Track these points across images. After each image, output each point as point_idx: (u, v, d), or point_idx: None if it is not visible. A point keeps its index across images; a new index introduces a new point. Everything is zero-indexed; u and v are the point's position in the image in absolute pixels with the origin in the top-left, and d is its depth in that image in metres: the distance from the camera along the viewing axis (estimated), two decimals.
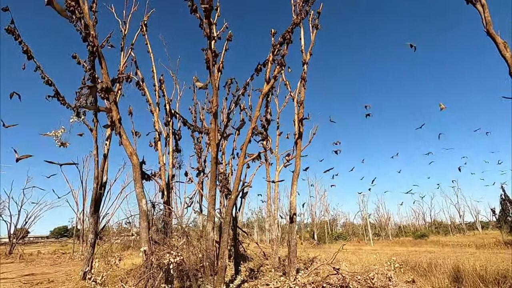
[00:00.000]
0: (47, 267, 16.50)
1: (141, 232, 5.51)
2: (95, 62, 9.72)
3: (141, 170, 5.91)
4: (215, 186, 6.26)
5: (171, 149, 8.13)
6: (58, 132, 6.90)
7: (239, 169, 6.52)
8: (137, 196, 5.63)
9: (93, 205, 9.91)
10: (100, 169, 10.25)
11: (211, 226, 6.08)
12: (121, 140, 5.89)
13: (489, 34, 6.16)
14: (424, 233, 46.57)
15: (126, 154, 6.04)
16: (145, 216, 5.56)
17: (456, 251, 21.30)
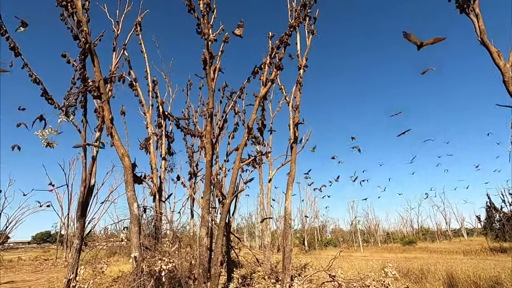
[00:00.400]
0: (28, 274, 15.76)
1: (132, 237, 5.26)
2: (86, 61, 9.48)
3: (133, 172, 5.68)
4: (209, 190, 6.07)
5: (163, 151, 7.90)
6: (45, 132, 6.60)
7: (234, 173, 6.36)
8: (128, 200, 5.38)
9: (79, 209, 9.49)
10: (88, 172, 9.86)
11: (205, 231, 5.87)
12: (112, 141, 5.65)
13: (483, 43, 6.24)
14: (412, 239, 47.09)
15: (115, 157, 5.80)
16: (136, 220, 5.32)
17: (445, 258, 21.55)
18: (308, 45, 9.49)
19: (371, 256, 27.48)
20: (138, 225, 5.37)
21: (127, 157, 5.58)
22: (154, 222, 6.40)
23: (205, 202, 6.06)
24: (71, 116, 7.58)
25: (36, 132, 6.64)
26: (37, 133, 6.63)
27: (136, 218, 5.33)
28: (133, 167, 5.71)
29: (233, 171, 6.42)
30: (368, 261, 19.27)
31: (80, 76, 9.20)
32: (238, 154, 6.51)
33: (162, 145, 7.92)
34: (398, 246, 42.59)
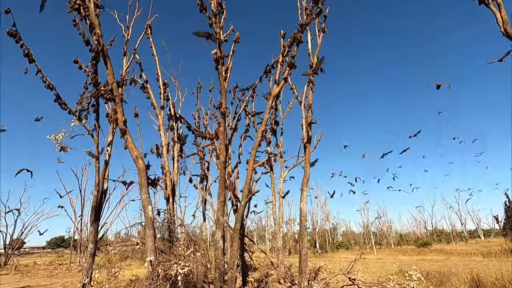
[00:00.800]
0: (43, 279, 15.93)
1: (147, 240, 5.16)
2: (97, 66, 9.55)
3: (147, 175, 5.61)
4: (224, 192, 5.94)
5: (176, 154, 7.83)
6: (59, 136, 6.61)
7: (249, 174, 6.22)
8: (142, 202, 5.30)
9: (93, 214, 9.50)
10: (101, 176, 9.88)
11: (221, 234, 5.74)
12: (126, 143, 5.60)
13: (507, 34, 5.96)
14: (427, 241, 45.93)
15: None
16: (151, 223, 5.22)
17: (463, 260, 20.86)
18: (319, 44, 9.32)
19: (386, 258, 26.84)
20: (153, 228, 5.27)
21: (141, 159, 5.52)
22: (168, 225, 6.31)
23: (219, 204, 5.93)
24: (83, 120, 7.60)
25: (49, 136, 6.66)
26: (49, 137, 6.65)
27: (151, 221, 5.24)
28: (147, 170, 5.64)
29: (247, 172, 6.28)
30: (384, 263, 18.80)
31: (92, 81, 9.26)
32: (252, 155, 6.37)
33: (174, 148, 7.85)
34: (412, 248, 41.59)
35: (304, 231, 7.50)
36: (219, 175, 6.05)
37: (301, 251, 7.34)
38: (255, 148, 6.39)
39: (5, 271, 20.07)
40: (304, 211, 7.68)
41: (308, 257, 24.56)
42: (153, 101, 7.76)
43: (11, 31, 7.92)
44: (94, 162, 9.93)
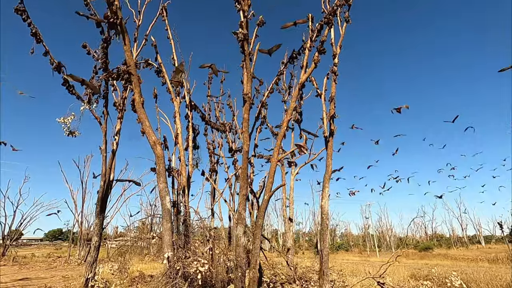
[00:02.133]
0: (42, 271, 15.46)
1: (164, 234, 4.68)
2: (108, 49, 9.06)
3: (165, 162, 5.12)
4: (246, 184, 5.47)
5: (191, 144, 7.35)
6: (68, 119, 6.14)
7: (273, 166, 5.74)
8: (160, 193, 4.82)
9: (99, 205, 9.02)
10: (108, 166, 9.40)
11: (242, 230, 5.26)
12: (142, 127, 5.11)
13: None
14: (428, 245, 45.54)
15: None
16: (169, 216, 4.75)
17: (471, 266, 20.39)
18: (342, 34, 8.83)
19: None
20: (171, 221, 4.80)
21: (159, 145, 5.03)
22: (184, 219, 5.83)
23: (241, 198, 5.45)
24: (94, 104, 7.12)
25: (58, 119, 6.19)
26: (58, 119, 6.18)
27: (169, 213, 4.76)
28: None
29: (271, 164, 5.80)
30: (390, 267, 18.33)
31: (102, 65, 8.77)
32: (277, 146, 5.89)
33: (189, 137, 7.36)
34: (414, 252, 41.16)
35: (326, 230, 7.02)
36: (242, 166, 5.57)
37: (323, 251, 6.86)
38: (281, 138, 5.92)
39: (3, 262, 19.63)
40: (325, 209, 7.19)
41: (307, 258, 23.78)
42: (169, 86, 7.27)
43: (19, 8, 7.45)
44: (101, 152, 9.47)
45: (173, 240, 4.70)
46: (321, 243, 6.99)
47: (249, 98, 5.56)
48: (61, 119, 6.22)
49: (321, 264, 6.79)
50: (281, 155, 6.07)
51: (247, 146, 5.53)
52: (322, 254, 6.83)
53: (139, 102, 5.14)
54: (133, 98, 5.27)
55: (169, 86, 7.21)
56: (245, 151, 5.51)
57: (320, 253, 6.90)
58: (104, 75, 7.05)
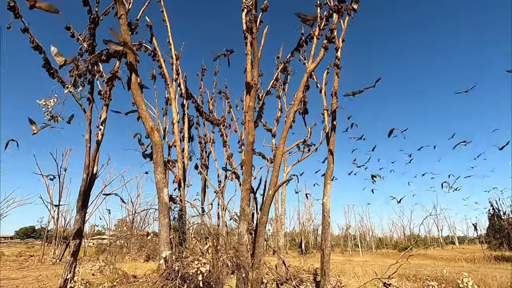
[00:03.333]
0: (12, 271, 14.29)
1: (160, 231, 4.18)
2: (96, 30, 8.36)
3: (163, 151, 4.61)
4: (250, 178, 5.06)
5: (186, 135, 6.83)
6: (50, 102, 5.46)
7: (278, 159, 5.35)
8: (157, 184, 4.31)
9: (80, 200, 8.29)
10: (92, 158, 8.69)
11: (246, 227, 4.84)
12: (139, 111, 4.57)
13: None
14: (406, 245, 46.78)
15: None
16: (166, 210, 4.25)
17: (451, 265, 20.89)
18: (345, 27, 8.60)
19: (374, 261, 26.68)
20: (169, 216, 4.30)
21: (157, 131, 4.51)
22: (180, 214, 5.33)
23: (245, 192, 5.03)
24: (80, 87, 6.45)
25: (39, 100, 5.50)
26: (40, 101, 5.49)
27: (167, 208, 4.26)
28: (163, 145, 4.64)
29: (276, 157, 5.41)
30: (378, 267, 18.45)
31: (89, 47, 8.08)
32: (283, 138, 5.51)
33: (185, 127, 6.84)
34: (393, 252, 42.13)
35: (327, 229, 6.72)
36: (246, 158, 5.15)
37: (324, 250, 6.56)
38: (286, 130, 5.54)
39: None
40: (327, 206, 6.90)
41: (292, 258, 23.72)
42: (164, 71, 6.70)
43: None
44: (85, 142, 8.75)
45: (171, 237, 4.21)
46: (322, 241, 6.68)
47: (255, 85, 5.16)
48: (42, 101, 5.53)
49: (323, 263, 6.49)
50: (286, 148, 5.70)
51: (252, 136, 5.11)
52: (324, 254, 6.53)
53: (135, 83, 4.60)
54: (128, 79, 4.71)
55: (165, 71, 6.65)
56: (250, 141, 5.09)
57: (322, 252, 6.60)
58: (93, 56, 6.40)
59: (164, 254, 3.98)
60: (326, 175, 7.20)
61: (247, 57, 6.10)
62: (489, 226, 27.75)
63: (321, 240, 6.69)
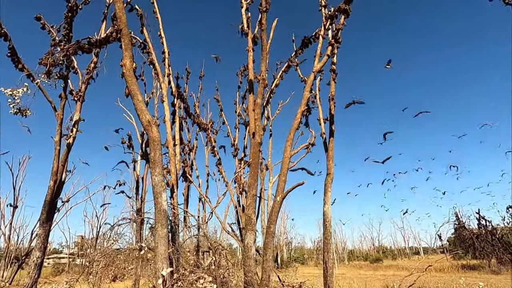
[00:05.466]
0: None
1: (158, 244, 3.47)
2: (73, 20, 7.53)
3: (161, 149, 3.94)
4: (256, 183, 4.52)
5: (178, 136, 6.15)
6: (18, 92, 4.57)
7: (286, 163, 4.89)
8: (154, 188, 3.62)
9: (45, 211, 7.15)
10: (61, 163, 7.64)
11: (253, 238, 4.25)
12: (134, 102, 3.88)
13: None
14: (378, 257, 47.81)
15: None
16: (164, 219, 3.56)
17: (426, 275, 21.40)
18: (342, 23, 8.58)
19: (350, 273, 26.64)
20: (167, 226, 3.61)
21: (156, 126, 3.85)
22: (171, 223, 4.59)
23: (251, 199, 4.47)
24: (55, 78, 5.58)
25: (4, 89, 4.57)
26: (5, 90, 4.57)
27: (165, 216, 3.58)
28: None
29: (283, 161, 4.95)
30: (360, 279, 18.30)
31: (65, 38, 7.22)
32: (289, 140, 5.08)
33: (176, 128, 6.16)
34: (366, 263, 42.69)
35: (329, 239, 6.29)
36: (252, 161, 4.62)
37: (327, 263, 6.09)
38: (293, 131, 5.12)
39: None
40: (329, 215, 6.49)
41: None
42: (156, 65, 6.04)
43: None
44: (55, 144, 7.71)
45: (170, 250, 3.51)
46: (324, 253, 6.23)
47: (264, 80, 4.71)
48: (8, 91, 4.61)
49: (326, 278, 6.00)
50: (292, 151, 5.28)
51: (259, 136, 4.62)
52: (327, 266, 6.06)
53: (130, 69, 3.93)
54: (122, 64, 4.04)
55: (157, 65, 6.00)
56: (258, 142, 4.59)
57: (324, 264, 6.12)
58: (72, 44, 5.59)
59: (164, 273, 3.27)
60: (326, 183, 6.84)
61: (248, 53, 5.68)
62: (455, 236, 29.12)
63: (323, 252, 6.23)
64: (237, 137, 8.37)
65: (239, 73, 8.15)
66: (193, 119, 7.68)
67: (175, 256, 3.86)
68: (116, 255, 5.98)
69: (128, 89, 3.92)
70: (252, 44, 5.74)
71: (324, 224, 6.45)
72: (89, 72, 7.96)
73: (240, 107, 8.57)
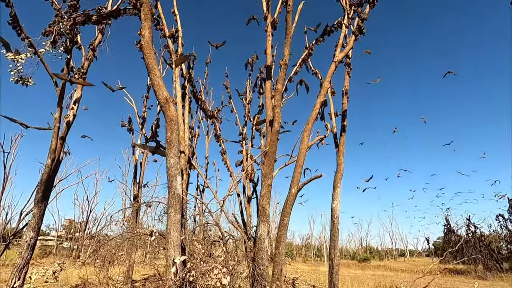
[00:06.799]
0: None
1: (170, 230, 3.23)
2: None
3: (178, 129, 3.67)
4: (272, 172, 4.29)
5: (187, 120, 5.87)
6: (21, 56, 4.22)
7: (303, 153, 4.67)
8: (168, 170, 3.36)
9: (41, 190, 6.81)
10: (60, 140, 7.29)
11: (266, 230, 4.04)
12: (151, 77, 3.59)
13: None
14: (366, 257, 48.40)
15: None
16: (178, 204, 3.32)
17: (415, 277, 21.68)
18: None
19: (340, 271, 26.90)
20: (181, 212, 3.37)
21: (173, 104, 3.57)
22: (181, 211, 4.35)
23: (266, 189, 4.25)
24: (60, 47, 5.22)
25: (6, 53, 4.22)
26: (7, 54, 4.21)
27: (179, 201, 3.33)
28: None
29: (300, 151, 4.73)
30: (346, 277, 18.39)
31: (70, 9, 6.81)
32: (307, 130, 4.85)
33: (185, 112, 5.87)
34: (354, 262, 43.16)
35: (337, 236, 6.13)
36: (269, 149, 4.38)
37: (333, 260, 5.93)
38: (311, 122, 4.89)
39: None
40: (337, 211, 6.32)
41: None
42: (168, 42, 5.70)
43: None
44: (54, 121, 7.36)
45: (183, 237, 3.28)
46: (331, 250, 6.07)
47: (286, 65, 4.45)
48: (10, 55, 4.25)
49: (331, 275, 5.85)
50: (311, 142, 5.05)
51: (278, 124, 4.38)
52: (333, 264, 5.90)
53: (149, 40, 3.62)
54: (142, 33, 3.72)
55: (169, 42, 5.65)
56: (276, 130, 4.36)
57: (331, 262, 5.97)
58: (80, 14, 5.22)
59: (177, 260, 3.04)
60: (335, 178, 6.65)
61: (267, 38, 5.39)
62: (445, 241, 29.55)
63: (329, 248, 6.07)
64: (246, 127, 8.10)
65: (250, 60, 7.85)
66: (200, 104, 7.38)
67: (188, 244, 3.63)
68: (109, 240, 5.74)
69: (146, 62, 3.61)
70: (271, 29, 5.45)
71: (332, 220, 6.28)
72: (94, 49, 7.59)
73: (251, 94, 8.29)
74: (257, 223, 4.15)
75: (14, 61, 4.28)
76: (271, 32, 5.43)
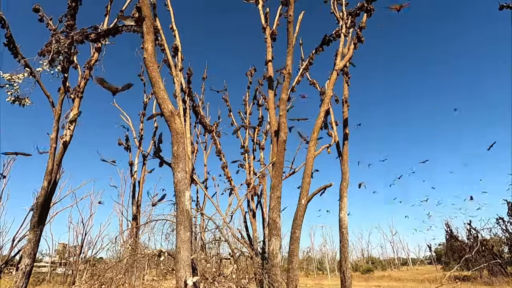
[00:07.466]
0: None
1: (180, 249, 3.05)
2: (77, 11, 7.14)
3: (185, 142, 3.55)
4: (281, 184, 4.17)
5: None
6: (18, 77, 4.11)
7: (310, 164, 4.58)
8: (176, 186, 3.22)
9: (37, 213, 6.55)
10: (56, 162, 7.09)
11: (278, 245, 3.87)
12: (155, 90, 3.50)
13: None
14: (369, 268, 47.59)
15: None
16: (188, 221, 3.16)
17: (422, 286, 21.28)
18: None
19: None
20: (191, 229, 3.21)
21: (178, 117, 3.47)
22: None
23: (275, 201, 4.11)
24: (58, 66, 5.13)
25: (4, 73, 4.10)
26: (4, 75, 4.10)
27: (189, 218, 3.18)
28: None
29: (307, 161, 4.63)
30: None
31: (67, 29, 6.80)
32: (313, 139, 4.78)
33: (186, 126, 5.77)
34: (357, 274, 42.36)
35: (346, 247, 5.95)
36: (276, 159, 4.28)
37: (344, 272, 5.72)
38: (317, 131, 4.82)
39: None
40: (345, 222, 6.17)
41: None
42: (168, 56, 5.67)
43: None
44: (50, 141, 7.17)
45: (193, 257, 3.10)
46: (342, 262, 5.87)
47: (289, 75, 4.43)
48: (7, 75, 4.14)
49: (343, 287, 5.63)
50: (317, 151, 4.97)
51: (285, 134, 4.30)
52: (345, 276, 5.69)
53: (152, 54, 3.56)
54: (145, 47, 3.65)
55: (169, 57, 5.62)
56: (283, 140, 4.27)
57: (342, 274, 5.76)
58: (79, 32, 5.18)
59: (189, 282, 2.85)
60: (341, 187, 6.55)
61: (267, 50, 5.41)
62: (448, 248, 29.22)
63: (340, 260, 5.88)
64: (247, 139, 8.01)
65: (248, 73, 7.87)
66: (200, 118, 7.30)
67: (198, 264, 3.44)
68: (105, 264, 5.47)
69: (149, 75, 3.54)
70: (271, 40, 5.47)
71: (341, 231, 6.12)
72: (90, 67, 7.55)
73: (250, 107, 8.25)
74: (267, 237, 3.98)
75: (10, 82, 4.16)
76: (271, 44, 5.45)
